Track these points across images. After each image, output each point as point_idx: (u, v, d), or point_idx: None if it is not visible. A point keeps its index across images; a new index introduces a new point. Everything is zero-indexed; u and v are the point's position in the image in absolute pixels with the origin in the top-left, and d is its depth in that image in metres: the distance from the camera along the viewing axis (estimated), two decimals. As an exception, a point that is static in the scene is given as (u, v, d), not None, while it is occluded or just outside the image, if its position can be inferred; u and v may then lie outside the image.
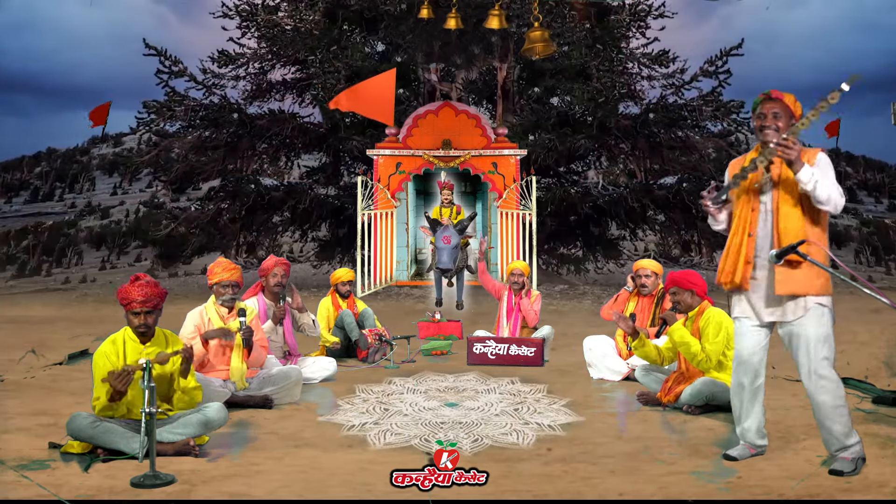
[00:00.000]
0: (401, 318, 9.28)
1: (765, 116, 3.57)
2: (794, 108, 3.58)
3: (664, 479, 3.41)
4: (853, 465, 3.40)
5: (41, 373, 6.09)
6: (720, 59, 14.89)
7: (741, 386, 3.69)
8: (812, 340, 3.44)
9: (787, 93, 3.61)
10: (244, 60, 16.11)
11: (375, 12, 14.56)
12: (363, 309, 7.09)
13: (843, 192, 3.47)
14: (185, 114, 15.21)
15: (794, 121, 3.55)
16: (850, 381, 5.44)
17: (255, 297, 5.86)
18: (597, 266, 16.59)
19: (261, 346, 5.09)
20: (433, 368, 6.28)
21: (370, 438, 4.11)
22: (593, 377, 5.93)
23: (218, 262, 5.10)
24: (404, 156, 12.52)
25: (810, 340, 3.44)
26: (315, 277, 16.03)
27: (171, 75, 15.04)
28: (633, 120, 15.21)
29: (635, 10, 15.60)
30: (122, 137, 31.87)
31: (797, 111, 3.58)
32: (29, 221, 24.59)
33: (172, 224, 15.58)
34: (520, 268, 7.06)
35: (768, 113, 3.57)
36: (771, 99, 3.59)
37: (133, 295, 3.80)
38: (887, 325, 8.35)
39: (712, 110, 14.92)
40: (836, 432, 3.42)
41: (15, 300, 13.39)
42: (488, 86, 16.97)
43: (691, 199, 14.33)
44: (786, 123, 3.54)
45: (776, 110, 3.56)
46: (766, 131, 3.55)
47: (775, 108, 3.57)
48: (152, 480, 3.28)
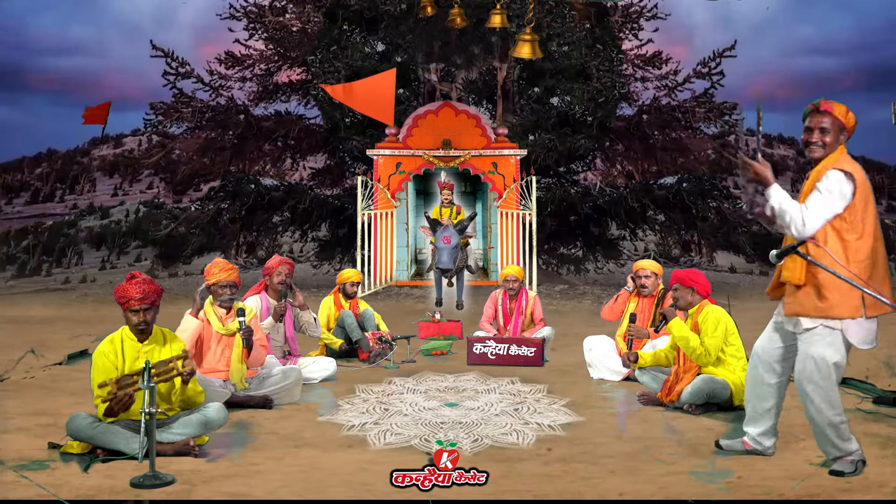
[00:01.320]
0: (401, 318, 9.27)
1: (811, 131, 3.31)
2: (844, 120, 3.29)
3: (664, 479, 3.41)
4: (853, 466, 3.39)
5: (41, 373, 6.09)
6: (713, 60, 14.90)
7: (753, 378, 3.63)
8: (803, 357, 3.31)
9: (838, 103, 3.32)
10: (251, 62, 16.13)
11: (375, 12, 14.55)
12: (364, 310, 7.09)
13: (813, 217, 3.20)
14: (192, 115, 15.21)
15: (843, 135, 3.30)
16: (851, 382, 5.44)
17: (257, 295, 5.86)
18: (597, 266, 16.58)
19: (261, 345, 5.09)
20: (433, 368, 6.28)
21: (370, 438, 4.11)
22: (593, 377, 5.93)
23: (215, 262, 5.09)
24: (404, 156, 12.52)
25: (805, 356, 3.31)
26: (315, 277, 16.02)
27: (177, 76, 15.04)
28: (627, 121, 15.22)
29: (628, 11, 15.61)
30: (122, 139, 31.89)
31: (849, 123, 3.30)
32: (29, 223, 24.60)
33: (172, 224, 15.58)
34: (514, 273, 7.06)
35: (815, 128, 3.30)
36: (819, 112, 3.31)
37: (130, 293, 3.79)
38: (887, 325, 8.32)
39: (705, 111, 14.92)
40: (829, 445, 3.38)
41: (15, 300, 13.38)
42: (488, 86, 16.95)
43: (691, 199, 14.34)
44: (834, 138, 3.27)
45: (824, 125, 3.28)
46: (812, 147, 3.30)
47: (823, 121, 3.29)
48: (152, 481, 3.28)
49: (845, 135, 3.33)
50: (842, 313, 3.24)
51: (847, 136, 3.34)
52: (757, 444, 3.68)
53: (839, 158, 3.30)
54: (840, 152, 3.33)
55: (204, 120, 15.36)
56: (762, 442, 3.67)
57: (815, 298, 3.26)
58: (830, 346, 3.27)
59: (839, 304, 3.23)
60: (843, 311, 3.24)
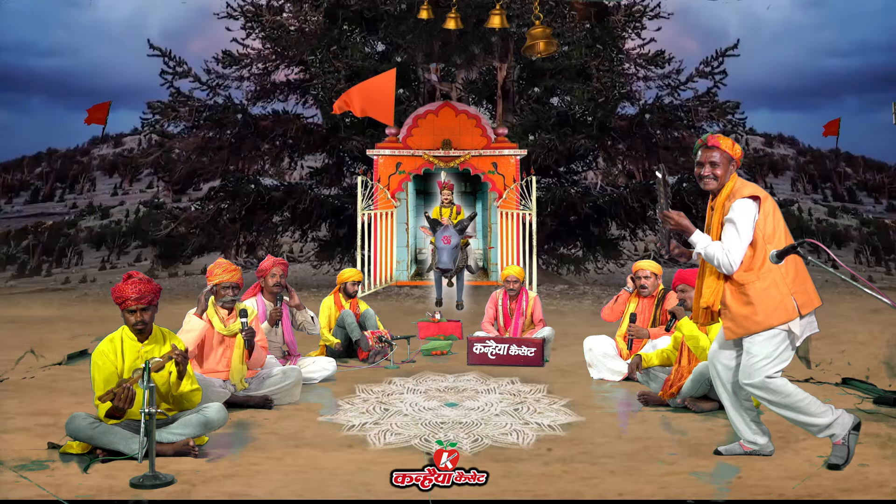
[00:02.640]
0: (401, 318, 9.28)
1: (703, 165, 3.57)
2: (732, 152, 3.55)
3: (664, 479, 3.41)
4: (845, 449, 3.44)
5: (41, 373, 6.09)
6: (716, 59, 14.89)
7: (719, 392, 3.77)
8: (745, 351, 3.50)
9: (724, 137, 3.60)
10: (248, 61, 16.11)
11: (375, 12, 14.55)
12: (365, 310, 7.08)
13: (735, 252, 3.43)
14: (190, 114, 15.20)
15: (732, 165, 3.55)
16: (851, 382, 5.45)
17: (253, 297, 5.85)
18: (597, 266, 16.58)
19: (261, 346, 5.09)
20: (433, 368, 6.28)
21: (370, 438, 4.11)
22: (593, 377, 5.93)
23: (217, 263, 5.09)
24: (404, 156, 12.52)
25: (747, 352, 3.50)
26: (315, 277, 16.04)
27: (175, 76, 15.03)
28: (630, 120, 15.21)
29: (630, 10, 15.59)
30: (122, 138, 31.87)
31: (736, 154, 3.56)
32: (29, 222, 24.57)
33: (172, 224, 15.58)
34: (515, 273, 7.06)
35: (706, 162, 3.56)
36: (707, 147, 3.57)
37: (127, 293, 3.79)
38: (887, 325, 8.34)
39: (708, 111, 14.91)
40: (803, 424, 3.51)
41: (15, 300, 13.39)
42: (488, 86, 16.96)
43: (691, 199, 14.34)
44: (724, 169, 3.53)
45: (714, 159, 3.54)
46: (706, 180, 3.56)
47: (713, 155, 3.54)
48: (152, 481, 3.27)
49: (734, 165, 3.59)
50: (780, 318, 3.43)
51: (736, 166, 3.60)
52: (753, 445, 3.72)
53: (735, 187, 3.54)
54: (733, 180, 3.57)
55: (201, 119, 15.35)
56: (756, 441, 3.71)
57: (751, 314, 3.45)
58: (775, 342, 3.46)
59: (775, 311, 3.43)
60: (780, 316, 3.43)
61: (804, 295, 3.46)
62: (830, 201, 27.28)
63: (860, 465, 3.50)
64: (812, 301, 3.49)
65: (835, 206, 26.45)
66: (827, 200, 27.39)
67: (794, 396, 3.45)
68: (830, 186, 28.60)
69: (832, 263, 3.45)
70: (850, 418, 3.50)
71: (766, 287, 3.43)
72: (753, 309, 3.44)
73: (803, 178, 28.70)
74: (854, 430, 3.49)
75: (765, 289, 3.43)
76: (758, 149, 27.74)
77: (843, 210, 25.94)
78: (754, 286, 3.44)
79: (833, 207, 26.14)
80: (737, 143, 3.60)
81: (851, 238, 22.88)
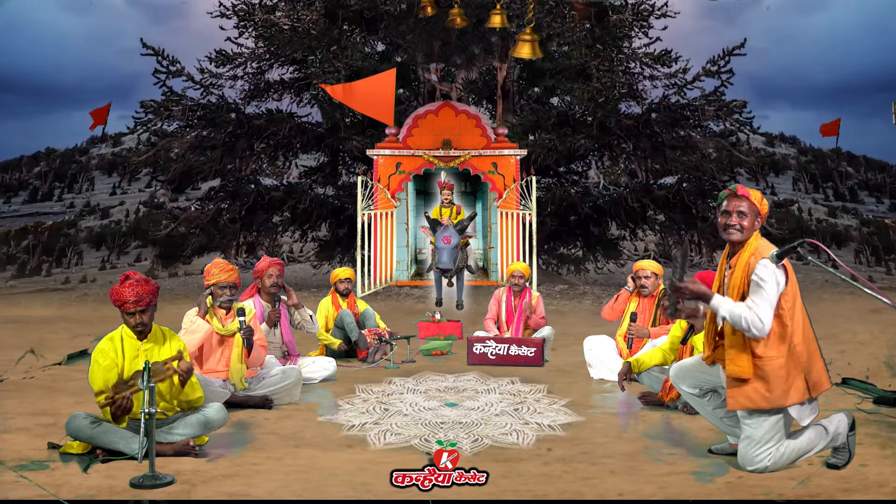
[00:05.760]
0: (401, 318, 9.27)
1: (729, 214, 3.41)
2: (760, 206, 3.41)
3: (664, 479, 3.41)
4: (845, 450, 3.45)
5: (41, 373, 6.09)
6: (722, 58, 14.87)
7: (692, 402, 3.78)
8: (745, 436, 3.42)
9: (754, 189, 3.46)
10: (242, 60, 16.08)
11: (375, 12, 14.54)
12: (364, 309, 7.08)
13: (765, 313, 3.25)
14: (183, 113, 15.18)
15: (758, 221, 3.41)
16: (851, 382, 5.44)
17: (250, 299, 5.84)
18: (597, 266, 16.57)
19: (260, 345, 5.09)
20: (433, 368, 6.28)
21: (370, 438, 4.11)
22: (593, 377, 5.93)
23: (215, 262, 5.09)
24: (404, 156, 12.52)
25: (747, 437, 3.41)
26: (315, 277, 16.02)
27: (168, 75, 15.01)
28: (636, 119, 15.19)
29: (638, 9, 15.57)
30: (121, 137, 31.87)
31: (763, 209, 3.42)
32: (28, 221, 24.57)
33: (172, 224, 15.57)
34: (521, 269, 7.06)
35: (733, 211, 3.40)
36: (737, 196, 3.41)
37: (125, 296, 3.78)
38: (887, 325, 8.34)
39: (714, 110, 14.89)
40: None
41: (15, 300, 13.38)
42: (488, 86, 16.95)
43: (691, 199, 14.33)
44: (751, 222, 3.38)
45: (742, 209, 3.39)
46: (731, 230, 3.40)
47: (741, 205, 3.39)
48: (152, 481, 3.27)
49: (759, 220, 3.44)
50: (794, 399, 3.34)
51: (761, 223, 3.45)
52: None
53: (760, 246, 3.38)
54: (757, 238, 3.43)
55: (195, 118, 15.33)
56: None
57: (764, 390, 3.34)
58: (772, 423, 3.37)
59: (788, 392, 3.32)
60: (793, 397, 3.33)
61: (816, 375, 3.38)
62: (832, 201, 27.27)
63: (860, 465, 3.51)
64: (822, 383, 3.40)
65: (835, 205, 26.46)
66: (828, 200, 27.38)
67: (794, 454, 3.41)
68: (832, 186, 28.60)
69: (832, 263, 3.45)
70: (844, 422, 3.48)
71: (783, 364, 3.32)
72: (768, 386, 3.32)
73: (804, 178, 28.69)
74: (851, 430, 3.48)
75: (782, 366, 3.32)
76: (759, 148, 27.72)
77: (843, 210, 25.95)
78: (773, 363, 3.32)
79: (833, 207, 26.14)
80: (765, 199, 3.46)
81: (851, 238, 22.88)
